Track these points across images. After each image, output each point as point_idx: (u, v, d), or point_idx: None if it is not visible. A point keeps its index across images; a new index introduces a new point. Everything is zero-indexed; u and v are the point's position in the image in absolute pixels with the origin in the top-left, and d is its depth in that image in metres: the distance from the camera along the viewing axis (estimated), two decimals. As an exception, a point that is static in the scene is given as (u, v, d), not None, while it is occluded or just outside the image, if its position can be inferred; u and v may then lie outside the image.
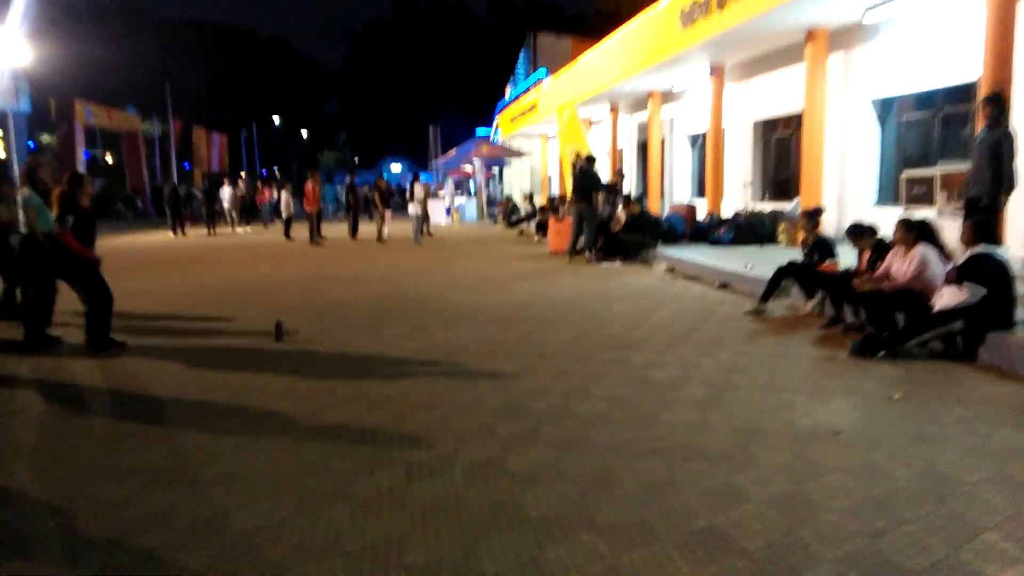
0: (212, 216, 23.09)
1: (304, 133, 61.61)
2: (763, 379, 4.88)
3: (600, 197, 12.65)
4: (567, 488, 3.21)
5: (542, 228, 17.23)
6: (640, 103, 19.04)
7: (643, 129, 19.59)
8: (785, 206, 12.96)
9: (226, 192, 24.54)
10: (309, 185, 18.10)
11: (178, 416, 4.41)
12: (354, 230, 18.73)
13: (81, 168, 32.56)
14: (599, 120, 23.32)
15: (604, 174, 14.51)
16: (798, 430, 3.88)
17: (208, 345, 6.42)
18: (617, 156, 20.80)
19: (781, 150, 14.76)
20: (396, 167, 52.89)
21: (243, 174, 35.06)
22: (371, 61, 66.06)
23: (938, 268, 5.61)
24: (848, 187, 12.22)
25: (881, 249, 6.24)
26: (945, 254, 5.74)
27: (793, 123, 13.74)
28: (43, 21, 22.79)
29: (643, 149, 20.11)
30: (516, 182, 33.40)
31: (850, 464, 3.41)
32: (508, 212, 24.28)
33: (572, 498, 3.11)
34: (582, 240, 12.62)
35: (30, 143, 33.82)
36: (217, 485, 3.33)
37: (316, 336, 6.66)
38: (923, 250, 5.66)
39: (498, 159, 31.08)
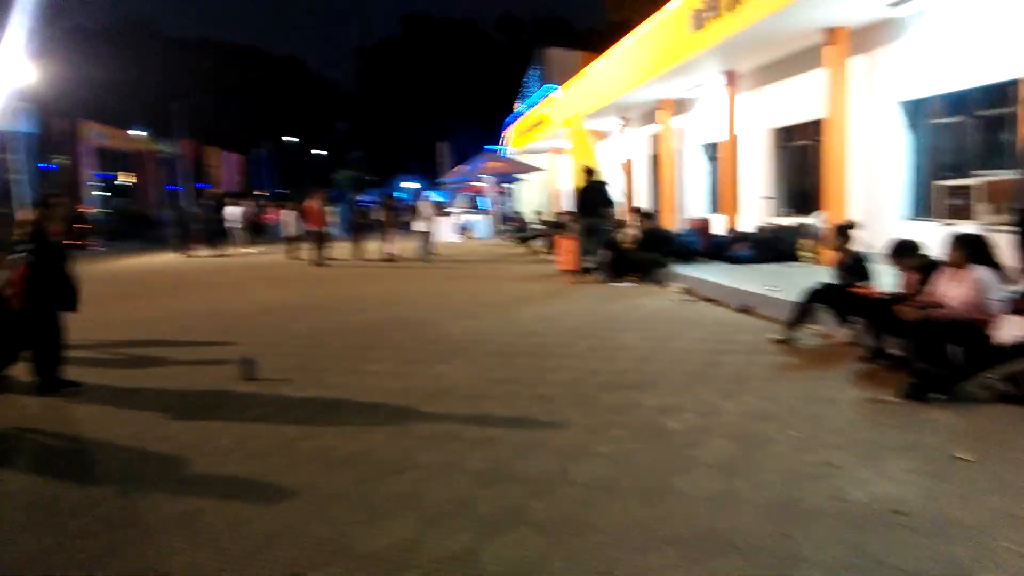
0: (216, 236, 22.61)
1: (318, 152, 61.43)
2: (799, 430, 4.10)
3: (610, 212, 11.94)
4: (554, 599, 2.48)
5: (551, 245, 16.51)
6: (651, 114, 18.30)
7: (655, 140, 18.86)
8: (808, 220, 12.14)
9: (231, 212, 24.05)
10: (312, 204, 17.55)
11: (104, 482, 3.71)
12: (359, 250, 18.14)
13: (89, 189, 32.41)
14: (609, 132, 22.61)
15: (612, 188, 13.76)
16: (850, 507, 3.11)
17: (172, 385, 5.73)
18: (628, 169, 20.03)
19: (802, 160, 13.95)
20: (410, 184, 52.43)
21: (253, 194, 34.68)
22: (383, 79, 65.84)
23: (997, 293, 4.83)
24: (876, 200, 11.37)
25: (929, 270, 5.44)
26: (1004, 276, 4.96)
27: (814, 130, 12.94)
28: (48, 41, 22.46)
29: (655, 161, 19.37)
30: (529, 198, 32.73)
31: (923, 563, 2.63)
32: (519, 229, 23.63)
33: (560, 617, 2.38)
34: (592, 259, 11.88)
35: (44, 165, 33.56)
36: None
37: (292, 372, 5.96)
38: (979, 271, 4.88)
39: (510, 175, 30.46)
